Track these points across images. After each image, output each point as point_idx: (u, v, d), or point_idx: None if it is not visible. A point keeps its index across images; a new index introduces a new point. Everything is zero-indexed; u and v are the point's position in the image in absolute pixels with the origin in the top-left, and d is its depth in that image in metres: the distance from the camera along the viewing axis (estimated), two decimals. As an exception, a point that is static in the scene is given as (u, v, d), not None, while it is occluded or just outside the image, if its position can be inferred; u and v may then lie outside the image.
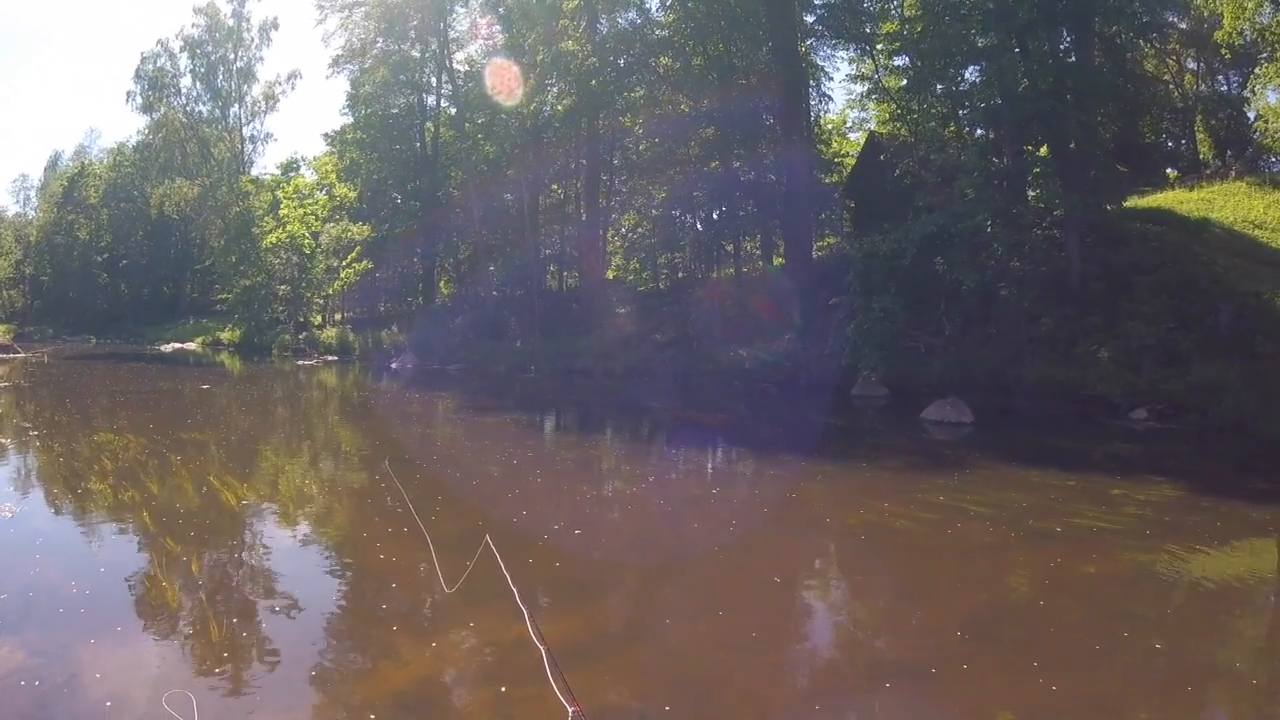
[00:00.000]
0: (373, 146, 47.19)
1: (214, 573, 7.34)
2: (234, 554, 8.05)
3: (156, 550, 7.83)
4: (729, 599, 6.99)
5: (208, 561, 7.60)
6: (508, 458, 13.21)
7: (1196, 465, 13.30)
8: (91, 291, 66.86)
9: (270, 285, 45.50)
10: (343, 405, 23.40)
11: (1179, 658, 5.76)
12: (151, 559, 7.62)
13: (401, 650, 5.69)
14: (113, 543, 8.12)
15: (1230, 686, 5.48)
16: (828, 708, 5.10)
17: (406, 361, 33.75)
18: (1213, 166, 33.06)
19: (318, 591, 6.89)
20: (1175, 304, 19.16)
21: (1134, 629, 6.18)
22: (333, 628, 6.15)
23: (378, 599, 6.73)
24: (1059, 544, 8.23)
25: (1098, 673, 5.38)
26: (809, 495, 10.94)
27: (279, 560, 7.85)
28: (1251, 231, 24.39)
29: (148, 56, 51.74)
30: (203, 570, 7.34)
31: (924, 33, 25.68)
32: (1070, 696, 5.00)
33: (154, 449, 13.23)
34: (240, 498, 10.03)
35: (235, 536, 8.63)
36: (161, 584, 6.82)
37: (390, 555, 7.79)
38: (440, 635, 6.02)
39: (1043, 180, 22.01)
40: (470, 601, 6.44)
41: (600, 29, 34.43)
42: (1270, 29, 21.65)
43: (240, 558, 7.98)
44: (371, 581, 7.29)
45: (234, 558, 7.94)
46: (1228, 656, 5.93)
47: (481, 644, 5.87)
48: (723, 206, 34.38)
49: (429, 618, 6.46)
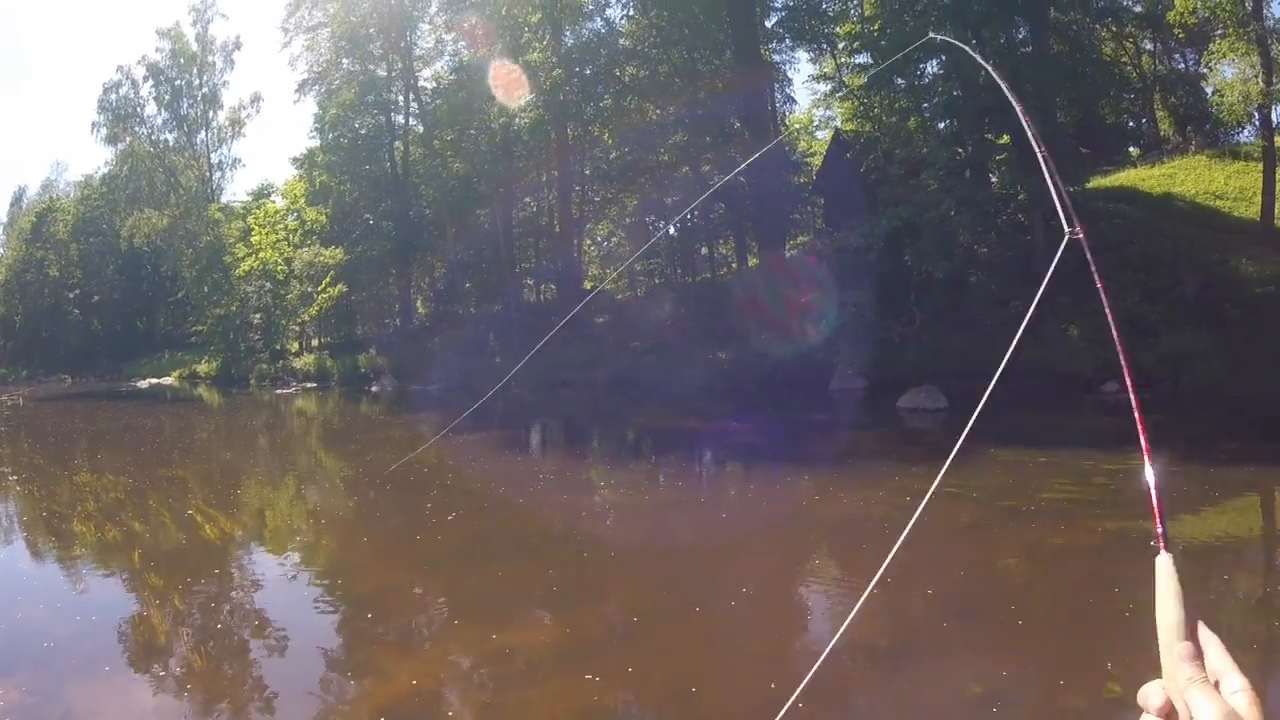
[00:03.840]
0: (342, 168, 46.89)
1: (202, 609, 7.24)
2: (221, 589, 7.94)
3: (142, 589, 7.75)
4: (713, 593, 7.07)
5: (195, 598, 7.49)
6: (497, 474, 13.29)
7: (1168, 432, 13.46)
8: (64, 329, 65.51)
9: (245, 314, 44.95)
10: (325, 433, 23.27)
11: (1149, 620, 5.90)
12: (138, 598, 7.55)
13: (387, 667, 5.75)
14: (98, 583, 8.04)
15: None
16: (809, 692, 5.21)
17: (386, 384, 33.59)
18: (1173, 142, 33.67)
19: (309, 623, 6.82)
20: (1141, 278, 19.54)
21: (1103, 596, 6.34)
22: (327, 659, 6.11)
23: (366, 624, 6.73)
24: (1032, 520, 8.41)
25: (1071, 641, 5.54)
26: (790, 489, 11.09)
27: (267, 594, 7.75)
28: (1213, 203, 24.91)
29: (110, 86, 51.69)
30: (190, 607, 7.24)
31: (882, 30, 26.06)
32: (1043, 666, 5.16)
33: (135, 487, 13.09)
34: (224, 532, 9.92)
35: (221, 571, 8.53)
36: (150, 622, 6.75)
37: (380, 580, 7.84)
38: (435, 651, 6.10)
39: (1004, 167, 22.38)
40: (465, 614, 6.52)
41: (565, 41, 34.60)
42: (1221, 5, 22.19)
43: (227, 593, 7.85)
44: (358, 607, 7.26)
45: (221, 593, 7.82)
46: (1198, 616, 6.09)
47: (468, 653, 5.96)
48: (695, 211, 34.63)
49: (424, 636, 6.52)
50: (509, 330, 35.03)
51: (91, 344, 64.87)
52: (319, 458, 18.05)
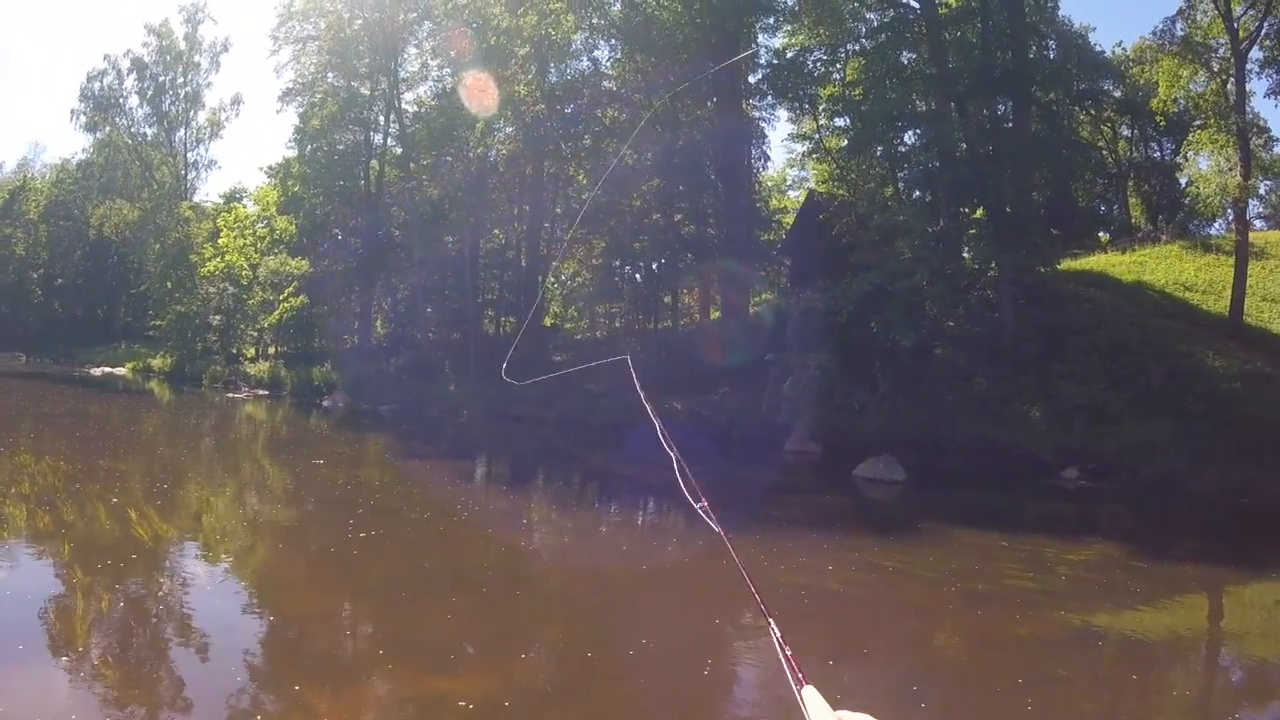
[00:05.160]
0: (316, 181, 46.30)
1: (127, 604, 7.05)
2: (148, 587, 7.68)
3: (69, 581, 7.54)
4: (657, 657, 6.55)
5: (122, 596, 7.28)
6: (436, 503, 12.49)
7: (1127, 524, 13.25)
8: (25, 308, 65.39)
9: (205, 314, 44.66)
10: (271, 442, 22.43)
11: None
12: (64, 589, 7.33)
13: (312, 701, 5.29)
14: (24, 570, 7.80)
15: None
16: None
17: (338, 400, 32.73)
18: (1144, 230, 33.98)
19: (231, 632, 6.57)
20: (1107, 365, 19.31)
21: (1064, 691, 5.94)
22: (249, 673, 5.82)
23: (292, 644, 6.46)
24: (991, 605, 7.95)
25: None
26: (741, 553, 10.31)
27: (194, 598, 7.47)
28: (1183, 294, 24.88)
29: (94, 75, 51.45)
30: (115, 601, 7.06)
31: (865, 96, 26.10)
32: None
33: (75, 475, 12.68)
34: (158, 531, 9.51)
35: (152, 572, 8.22)
36: (72, 611, 6.61)
37: (307, 600, 7.54)
38: (355, 685, 5.66)
39: (978, 241, 22.21)
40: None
41: (550, 77, 34.39)
42: (1204, 96, 22.47)
43: (155, 592, 7.61)
44: (286, 626, 6.96)
45: (148, 591, 7.57)
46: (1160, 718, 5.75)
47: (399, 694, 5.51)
48: (662, 258, 34.25)
49: (344, 665, 6.12)
50: (465, 359, 34.20)
51: (51, 326, 64.89)
52: (262, 465, 17.52)
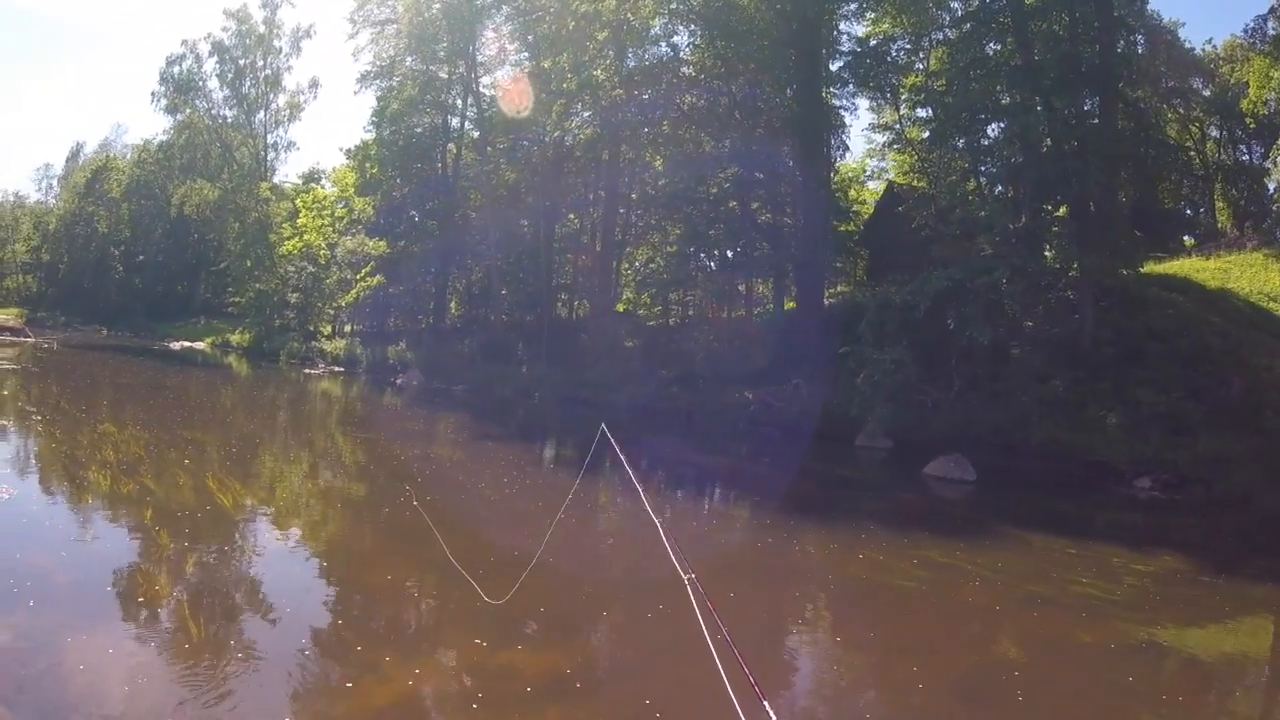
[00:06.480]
0: (394, 163, 47.53)
1: (204, 573, 7.23)
2: (225, 556, 7.95)
3: (149, 545, 7.75)
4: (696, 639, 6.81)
5: (198, 561, 7.48)
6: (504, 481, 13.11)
7: (1199, 538, 13.07)
8: (106, 283, 67.41)
9: (283, 292, 45.74)
10: (345, 417, 23.29)
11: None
12: (143, 553, 7.55)
13: (383, 665, 5.59)
14: (106, 533, 8.06)
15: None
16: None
17: (412, 378, 33.68)
18: (1230, 236, 32.93)
19: (304, 600, 6.79)
20: (1187, 373, 19.01)
21: (1125, 702, 6.03)
22: (316, 637, 6.05)
23: (363, 612, 6.64)
24: (1055, 610, 8.07)
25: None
26: (808, 544, 10.83)
27: (269, 566, 7.76)
28: (1267, 304, 24.26)
29: (173, 59, 53.10)
30: (193, 569, 7.23)
31: (948, 87, 25.88)
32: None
33: (156, 444, 13.16)
34: (237, 500, 9.93)
35: (228, 538, 8.52)
36: (151, 581, 6.72)
37: (384, 572, 7.72)
38: (422, 655, 5.92)
39: (1060, 240, 22.02)
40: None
41: (628, 63, 34.77)
42: (1300, 95, 21.82)
43: (231, 560, 7.87)
44: (359, 594, 7.19)
45: (225, 559, 7.83)
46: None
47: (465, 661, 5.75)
48: (738, 246, 34.51)
49: (411, 635, 6.36)
50: (538, 341, 35.02)
51: (131, 300, 66.71)
52: (337, 440, 18.03)
